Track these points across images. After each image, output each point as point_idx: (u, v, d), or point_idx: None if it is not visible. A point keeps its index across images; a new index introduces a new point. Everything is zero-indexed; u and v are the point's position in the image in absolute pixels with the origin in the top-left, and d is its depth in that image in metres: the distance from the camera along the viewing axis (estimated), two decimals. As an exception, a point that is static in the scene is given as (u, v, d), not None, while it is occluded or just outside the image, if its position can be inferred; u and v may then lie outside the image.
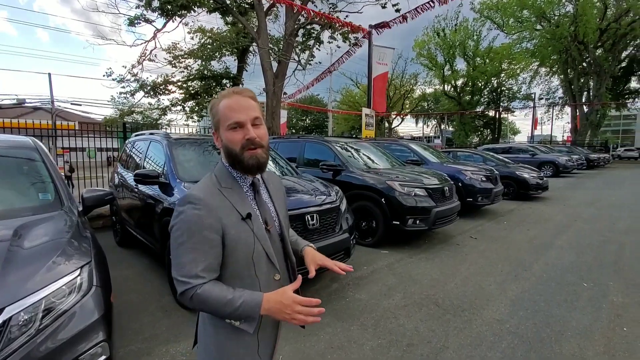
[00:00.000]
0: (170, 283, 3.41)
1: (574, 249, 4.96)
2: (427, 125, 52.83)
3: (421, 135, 57.07)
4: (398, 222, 4.77)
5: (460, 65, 36.62)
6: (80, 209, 2.65)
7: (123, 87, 13.75)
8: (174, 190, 3.43)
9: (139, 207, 4.15)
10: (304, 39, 12.81)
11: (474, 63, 34.64)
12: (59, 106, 28.83)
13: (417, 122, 53.68)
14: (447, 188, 5.33)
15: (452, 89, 37.45)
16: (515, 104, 37.60)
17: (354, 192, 5.22)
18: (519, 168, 9.77)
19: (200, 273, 0.92)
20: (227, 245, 0.97)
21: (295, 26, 11.47)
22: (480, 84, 35.77)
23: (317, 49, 12.74)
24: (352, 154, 6.13)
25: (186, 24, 15.31)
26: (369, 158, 6.33)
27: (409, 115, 45.03)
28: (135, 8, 11.67)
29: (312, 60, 12.81)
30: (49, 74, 26.75)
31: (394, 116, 42.88)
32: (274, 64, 11.80)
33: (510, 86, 37.11)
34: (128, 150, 5.27)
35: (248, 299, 0.93)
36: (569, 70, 29.53)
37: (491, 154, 11.45)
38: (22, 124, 8.35)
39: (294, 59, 11.30)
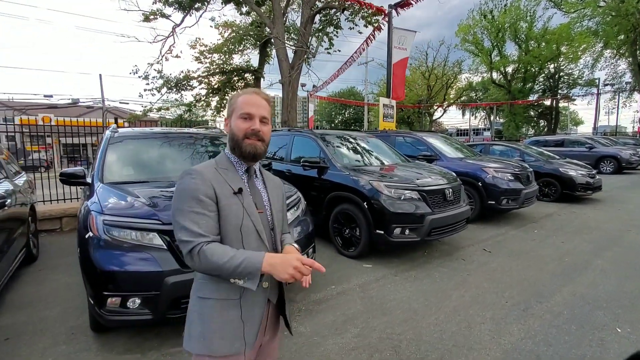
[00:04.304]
0: (88, 299, 2.96)
1: (617, 273, 3.79)
2: (475, 117, 49.25)
3: (468, 127, 53.45)
4: (382, 232, 3.94)
5: (510, 49, 33.44)
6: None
7: (147, 84, 13.99)
8: (93, 193, 2.95)
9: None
10: (321, 26, 12.04)
11: (527, 47, 31.35)
12: (109, 105, 30.97)
13: (463, 114, 50.34)
14: (450, 190, 4.36)
15: (501, 76, 34.30)
16: (576, 91, 33.55)
17: (335, 194, 4.47)
18: (564, 164, 8.26)
19: (202, 232, 1.01)
20: (219, 213, 1.06)
21: (312, 11, 10.76)
22: (533, 70, 32.32)
23: (334, 35, 11.91)
24: (345, 149, 5.35)
25: (212, 19, 15.26)
26: (369, 153, 5.50)
27: (454, 106, 42.26)
28: (153, 4, 11.67)
29: (330, 48, 12.03)
30: (100, 75, 28.65)
31: (435, 107, 40.47)
32: (290, 55, 11.21)
33: (570, 71, 33.10)
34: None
35: (250, 255, 1.00)
36: (638, 52, 25.52)
37: (533, 147, 9.92)
38: (74, 122, 9.49)
39: (308, 48, 10.58)
